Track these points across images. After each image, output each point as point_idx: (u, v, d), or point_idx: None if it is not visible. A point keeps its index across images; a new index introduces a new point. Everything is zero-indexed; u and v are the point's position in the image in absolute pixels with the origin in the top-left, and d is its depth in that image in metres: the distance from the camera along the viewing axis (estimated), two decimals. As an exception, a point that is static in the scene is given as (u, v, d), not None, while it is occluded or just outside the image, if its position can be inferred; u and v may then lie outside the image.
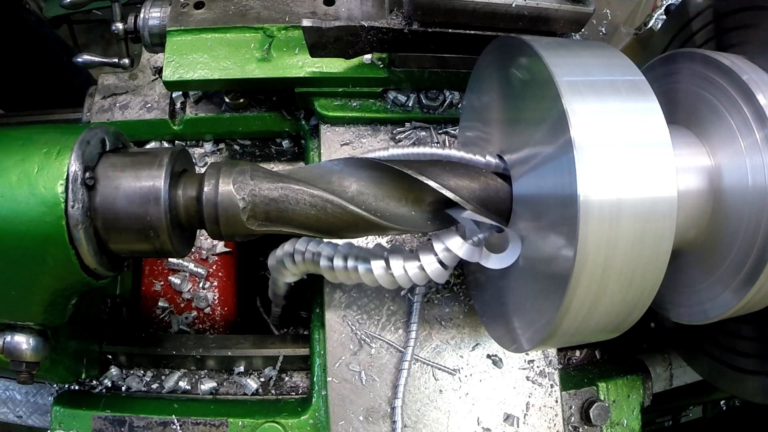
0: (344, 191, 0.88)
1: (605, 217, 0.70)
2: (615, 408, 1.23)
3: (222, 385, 1.28)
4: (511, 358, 1.14)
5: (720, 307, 0.89)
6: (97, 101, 1.38)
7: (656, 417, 1.94)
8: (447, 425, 1.10)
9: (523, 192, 0.86)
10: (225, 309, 1.41)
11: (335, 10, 1.22)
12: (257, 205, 0.87)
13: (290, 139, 1.41)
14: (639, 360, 1.34)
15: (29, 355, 0.97)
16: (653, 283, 0.75)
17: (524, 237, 0.85)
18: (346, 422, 1.09)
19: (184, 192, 0.88)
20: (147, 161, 0.88)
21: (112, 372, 1.27)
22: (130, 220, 0.85)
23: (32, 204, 0.83)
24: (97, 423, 1.15)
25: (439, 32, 1.08)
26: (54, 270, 0.86)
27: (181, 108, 1.37)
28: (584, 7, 1.05)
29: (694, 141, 0.91)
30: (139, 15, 1.24)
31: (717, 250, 0.88)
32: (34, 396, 1.34)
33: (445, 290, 1.16)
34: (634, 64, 0.81)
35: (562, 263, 0.73)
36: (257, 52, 1.20)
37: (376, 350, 1.12)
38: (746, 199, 0.83)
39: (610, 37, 1.48)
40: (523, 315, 0.87)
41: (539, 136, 0.79)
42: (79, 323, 1.16)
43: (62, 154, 0.83)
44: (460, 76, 1.20)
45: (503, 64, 0.90)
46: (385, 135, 1.24)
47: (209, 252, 1.42)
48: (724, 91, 0.87)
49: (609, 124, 0.72)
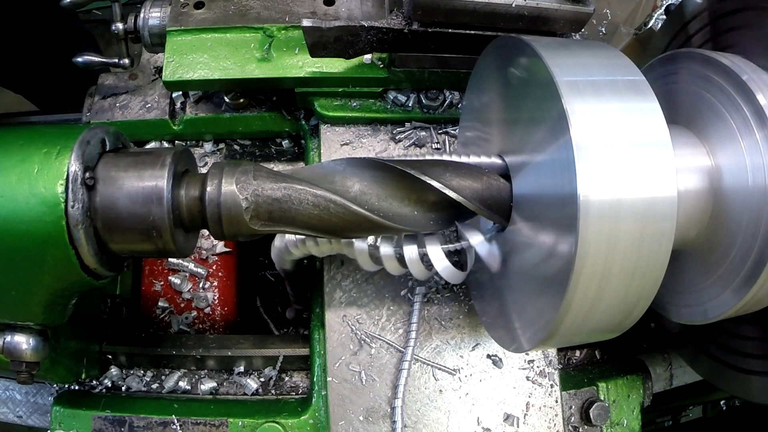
0: (347, 191, 0.88)
1: (605, 216, 0.70)
2: (615, 408, 1.23)
3: (222, 385, 1.28)
4: (511, 358, 1.14)
5: (720, 307, 0.89)
6: (97, 101, 1.38)
7: (656, 417, 1.94)
8: (447, 425, 1.10)
9: (523, 192, 0.86)
10: (225, 309, 1.41)
11: (335, 10, 1.22)
12: (260, 205, 0.87)
13: (290, 139, 1.41)
14: (639, 360, 1.34)
15: (29, 355, 0.97)
16: (653, 283, 0.75)
17: (524, 238, 0.85)
18: (346, 422, 1.09)
19: (186, 192, 0.88)
20: (150, 161, 0.87)
21: (112, 372, 1.27)
22: (132, 220, 0.85)
23: (32, 204, 0.82)
24: (97, 423, 1.15)
25: (439, 32, 1.08)
26: (54, 270, 0.86)
27: (181, 108, 1.37)
28: (584, 7, 1.05)
29: (694, 141, 0.91)
30: (139, 15, 1.24)
31: (717, 250, 0.88)
32: (34, 396, 1.34)
33: (445, 290, 1.16)
34: (634, 64, 0.81)
35: (562, 263, 0.73)
36: (257, 52, 1.20)
37: (376, 350, 1.12)
38: (746, 199, 0.83)
39: (610, 37, 1.49)
40: (523, 315, 0.87)
41: (539, 136, 0.79)
42: (79, 323, 1.16)
43: (62, 154, 0.83)
44: (460, 76, 1.20)
45: (503, 64, 0.90)
46: (385, 135, 1.24)
47: (209, 252, 1.42)
48: (724, 91, 0.87)
49: (609, 124, 0.72)
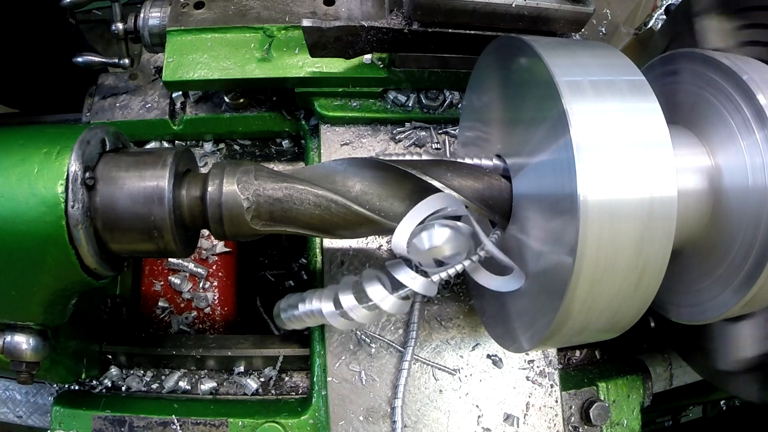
0: (348, 191, 0.88)
1: (605, 217, 0.70)
2: (615, 408, 1.23)
3: (222, 385, 1.28)
4: (511, 358, 1.14)
5: (720, 307, 0.89)
6: (97, 101, 1.38)
7: (656, 417, 1.94)
8: (447, 425, 1.10)
9: (523, 192, 0.86)
10: (225, 309, 1.41)
11: (335, 10, 1.22)
12: (261, 205, 0.87)
13: (290, 139, 1.41)
14: (639, 360, 1.34)
15: (29, 355, 0.97)
16: (653, 283, 0.75)
17: (524, 237, 0.85)
18: (346, 422, 1.09)
19: (188, 192, 0.88)
20: (151, 161, 0.87)
21: (112, 372, 1.27)
22: (133, 220, 0.85)
23: (32, 204, 0.82)
24: (97, 423, 1.15)
25: (439, 32, 1.08)
26: (54, 270, 0.86)
27: (181, 108, 1.37)
28: (584, 7, 1.05)
29: (694, 141, 0.91)
30: (139, 15, 1.24)
31: (717, 250, 0.88)
32: (34, 396, 1.34)
33: (445, 290, 1.16)
34: (634, 64, 0.81)
35: (562, 263, 0.73)
36: (257, 52, 1.20)
37: (376, 350, 1.12)
38: (746, 199, 0.83)
39: (610, 37, 1.49)
40: (523, 315, 0.87)
41: (539, 136, 0.79)
42: (79, 323, 1.16)
43: (62, 154, 0.83)
44: (460, 76, 1.20)
45: (503, 64, 0.90)
46: (385, 135, 1.24)
47: (209, 252, 1.42)
48: (724, 91, 0.87)
49: (609, 124, 0.72)
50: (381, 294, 0.86)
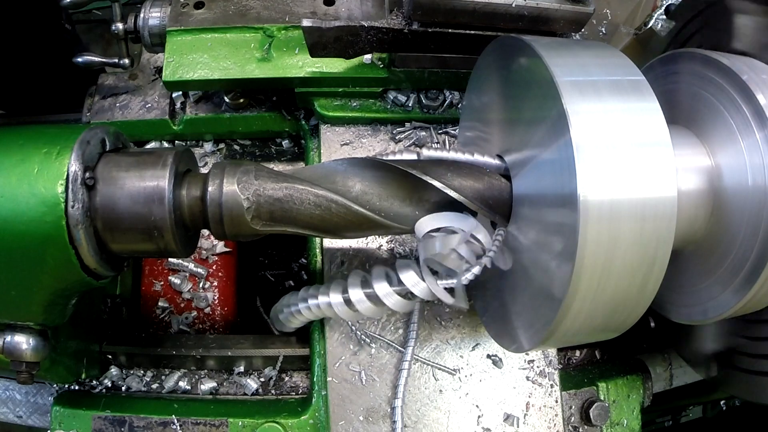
0: (348, 191, 0.88)
1: (605, 217, 0.70)
2: (615, 408, 1.23)
3: (222, 385, 1.28)
4: (511, 358, 1.14)
5: (720, 307, 0.89)
6: (97, 101, 1.38)
7: (656, 417, 1.94)
8: (447, 425, 1.10)
9: (523, 191, 0.86)
10: (225, 309, 1.41)
11: (335, 10, 1.22)
12: (262, 205, 0.87)
13: (290, 139, 1.41)
14: (639, 360, 1.34)
15: (29, 355, 0.97)
16: (653, 283, 0.75)
17: (524, 237, 0.85)
18: (346, 422, 1.09)
19: (188, 192, 0.88)
20: (151, 161, 0.87)
21: (112, 372, 1.27)
22: (133, 220, 0.85)
23: (32, 204, 0.82)
24: (97, 423, 1.15)
25: (439, 32, 1.08)
26: (54, 270, 0.86)
27: (181, 108, 1.37)
28: (584, 7, 1.05)
29: (694, 141, 0.91)
30: (139, 15, 1.24)
31: (717, 250, 0.88)
32: (34, 396, 1.34)
33: (445, 290, 1.16)
34: (634, 64, 0.81)
35: (562, 263, 0.73)
36: (257, 52, 1.20)
37: (376, 350, 1.12)
38: (746, 199, 0.83)
39: (610, 37, 1.48)
40: (523, 315, 0.87)
41: (539, 136, 0.79)
42: (79, 323, 1.16)
43: (62, 154, 0.83)
44: (460, 76, 1.20)
45: (503, 64, 0.90)
46: (385, 135, 1.24)
47: (209, 252, 1.42)
48: (724, 91, 0.87)
49: (609, 124, 0.72)
50: (414, 279, 0.90)
